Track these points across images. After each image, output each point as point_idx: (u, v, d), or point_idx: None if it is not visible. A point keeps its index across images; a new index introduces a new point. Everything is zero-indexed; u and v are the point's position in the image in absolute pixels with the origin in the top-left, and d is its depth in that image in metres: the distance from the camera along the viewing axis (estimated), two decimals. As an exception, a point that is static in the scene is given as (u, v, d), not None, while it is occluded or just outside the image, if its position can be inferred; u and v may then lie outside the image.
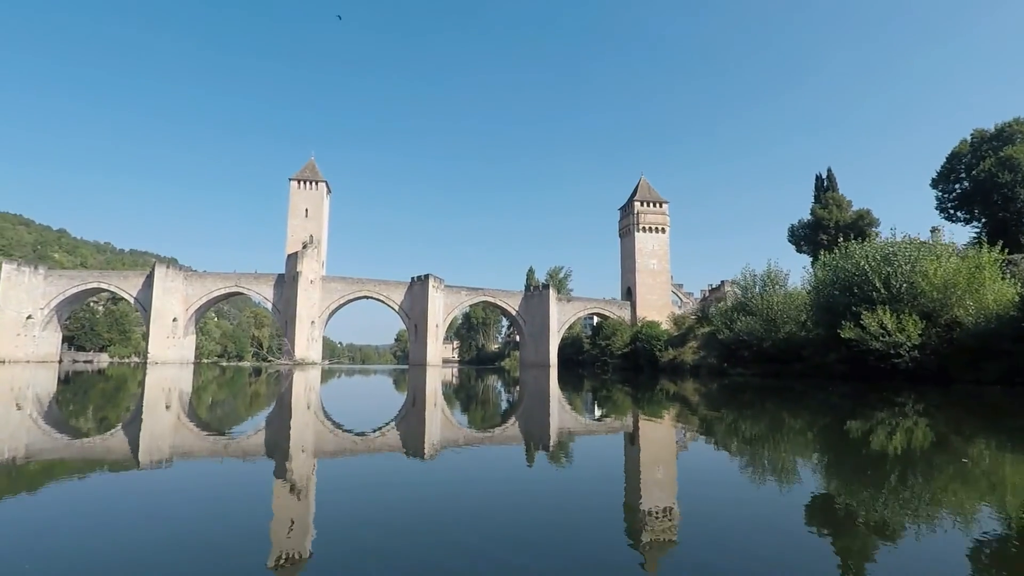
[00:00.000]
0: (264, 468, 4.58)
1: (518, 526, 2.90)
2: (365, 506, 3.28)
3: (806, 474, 4.67)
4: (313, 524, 2.94)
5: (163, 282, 58.34)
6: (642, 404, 12.87)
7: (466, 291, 68.91)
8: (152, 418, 8.15)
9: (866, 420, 8.78)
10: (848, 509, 3.42)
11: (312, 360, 58.93)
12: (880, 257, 21.76)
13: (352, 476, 4.26)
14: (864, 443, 6.46)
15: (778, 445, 6.38)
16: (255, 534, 2.76)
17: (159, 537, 2.64)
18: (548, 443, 6.12)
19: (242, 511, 3.19)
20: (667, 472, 4.70)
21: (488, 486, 3.93)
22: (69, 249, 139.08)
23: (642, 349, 47.10)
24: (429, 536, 2.69)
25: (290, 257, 62.47)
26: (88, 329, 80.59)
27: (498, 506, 3.35)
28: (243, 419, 8.64)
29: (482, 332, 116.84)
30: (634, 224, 73.15)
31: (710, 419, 9.32)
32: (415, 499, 3.47)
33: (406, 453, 5.38)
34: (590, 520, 3.07)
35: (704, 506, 3.45)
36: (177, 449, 5.30)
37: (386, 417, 9.12)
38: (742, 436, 7.17)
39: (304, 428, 7.26)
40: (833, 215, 48.20)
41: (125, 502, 3.34)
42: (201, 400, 12.25)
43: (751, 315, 30.87)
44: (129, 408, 10.00)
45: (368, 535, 2.70)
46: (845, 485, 4.23)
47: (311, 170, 68.16)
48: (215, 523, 2.91)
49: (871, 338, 19.76)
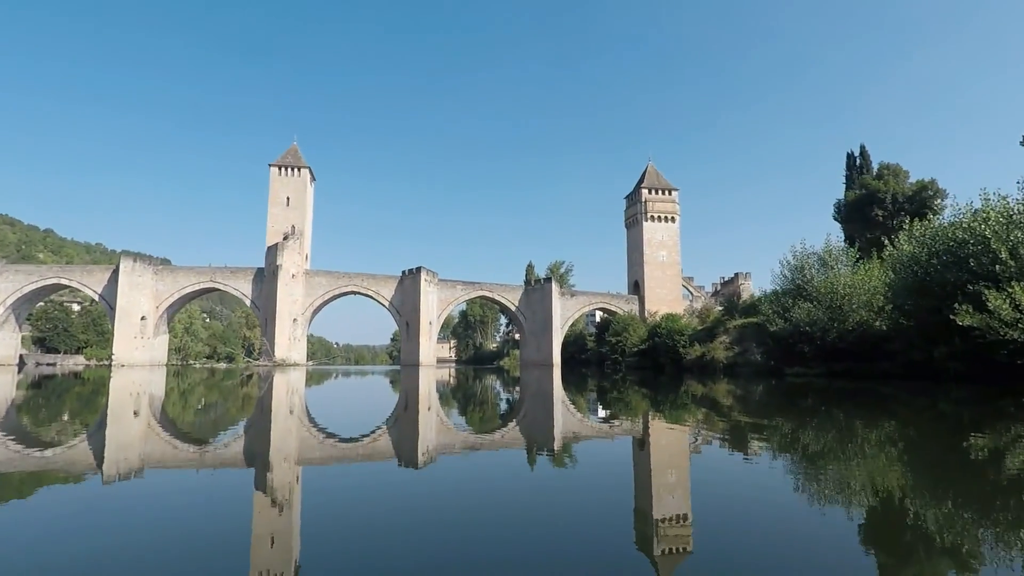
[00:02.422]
0: (242, 479, 4.45)
1: (520, 541, 2.77)
2: (352, 519, 3.17)
3: (901, 504, 3.58)
4: (295, 539, 2.85)
5: (130, 277, 54.32)
6: (665, 408, 11.41)
7: (462, 285, 65.10)
8: (118, 426, 7.90)
9: (998, 436, 6.93)
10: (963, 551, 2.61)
11: (294, 361, 54.80)
12: (1005, 219, 17.06)
13: (338, 487, 4.13)
14: (993, 465, 4.87)
15: (858, 465, 4.93)
16: (233, 551, 2.66)
17: (126, 557, 2.54)
18: (560, 455, 5.81)
19: (218, 526, 3.06)
20: (703, 493, 3.98)
21: (488, 497, 3.77)
22: (55, 249, 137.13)
23: (662, 346, 42.70)
24: (422, 551, 2.60)
25: (270, 249, 58.67)
26: (61, 330, 76.89)
27: (498, 519, 3.20)
28: (221, 426, 8.32)
29: (480, 330, 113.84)
30: (642, 213, 69.58)
31: (764, 430, 7.67)
32: (406, 511, 3.35)
33: (397, 461, 5.16)
34: (601, 541, 2.93)
35: (750, 538, 3.01)
36: (148, 459, 5.05)
37: (376, 421, 8.73)
38: (807, 451, 5.67)
39: (287, 434, 6.96)
40: (890, 186, 42.40)
41: (85, 519, 3.21)
42: (168, 406, 11.94)
43: (810, 301, 26.09)
44: (91, 416, 9.66)
45: (355, 551, 2.62)
46: (955, 522, 3.16)
47: (293, 156, 64.29)
48: (189, 540, 2.79)
49: (1003, 326, 15.03)
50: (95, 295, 57.15)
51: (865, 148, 48.87)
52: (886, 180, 43.39)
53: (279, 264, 56.87)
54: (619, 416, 9.84)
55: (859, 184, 45.31)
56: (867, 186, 43.70)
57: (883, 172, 44.38)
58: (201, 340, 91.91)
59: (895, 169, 44.45)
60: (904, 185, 42.88)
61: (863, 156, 48.42)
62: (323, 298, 60.73)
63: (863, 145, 49.13)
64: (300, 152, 65.84)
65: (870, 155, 48.21)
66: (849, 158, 49.13)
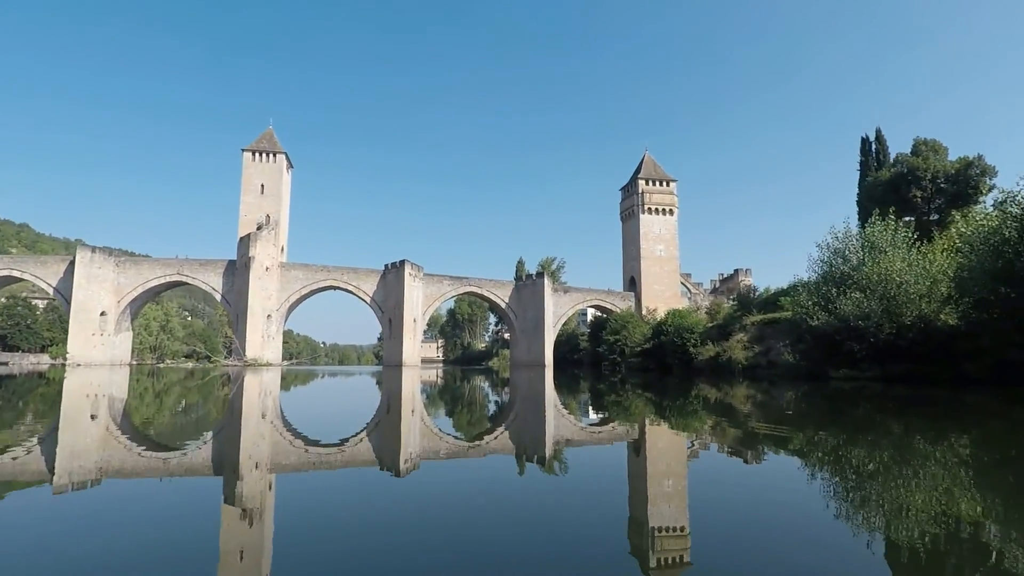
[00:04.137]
0: (209, 488, 4.38)
1: (509, 556, 2.75)
2: (328, 532, 3.11)
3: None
4: (267, 553, 2.81)
5: (87, 268, 53.15)
6: (679, 417, 10.71)
7: (448, 280, 64.97)
8: (72, 432, 7.70)
9: None
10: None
11: (267, 361, 54.08)
12: None
13: (313, 496, 4.06)
14: None
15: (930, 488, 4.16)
16: (198, 567, 2.59)
17: (82, 573, 2.48)
18: (551, 462, 5.76)
19: (182, 540, 2.98)
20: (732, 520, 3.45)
21: (475, 507, 3.74)
22: (28, 244, 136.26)
23: (669, 345, 41.22)
24: (403, 568, 2.57)
25: (242, 240, 58.00)
26: (24, 327, 75.41)
27: (486, 533, 3.17)
28: (189, 432, 8.22)
29: (468, 329, 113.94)
30: (638, 205, 69.96)
31: (807, 447, 6.48)
32: (386, 523, 3.30)
33: (378, 467, 5.10)
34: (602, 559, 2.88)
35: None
36: (105, 467, 4.95)
37: (357, 426, 8.59)
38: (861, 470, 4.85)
39: (258, 440, 6.86)
40: (930, 164, 38.65)
41: (32, 533, 3.11)
42: (131, 410, 11.70)
43: (860, 290, 23.45)
44: (43, 422, 9.37)
45: (331, 565, 2.57)
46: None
47: (269, 140, 63.49)
48: (150, 555, 2.72)
49: None
50: (50, 288, 55.79)
51: (881, 132, 46.81)
52: (924, 157, 39.15)
53: (251, 256, 56.00)
54: (645, 435, 7.77)
55: (892, 162, 42.07)
56: (903, 163, 39.91)
57: (920, 148, 40.16)
58: (178, 339, 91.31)
59: (933, 144, 40.17)
60: (945, 162, 38.98)
61: (879, 141, 46.58)
62: (299, 293, 60.05)
63: (879, 129, 46.97)
64: (276, 137, 64.92)
65: (886, 140, 46.46)
66: (864, 143, 47.09)
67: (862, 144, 47.31)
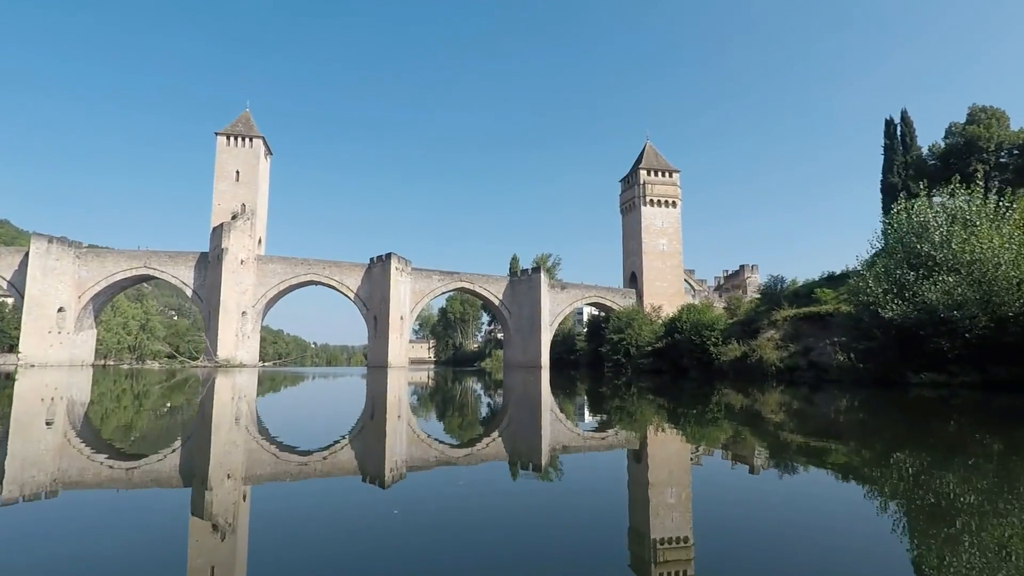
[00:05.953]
0: (177, 500, 4.32)
1: (500, 571, 2.73)
2: (306, 546, 3.04)
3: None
4: (240, 570, 2.77)
5: (43, 261, 52.45)
6: (703, 427, 10.02)
7: (438, 275, 64.87)
8: (24, 439, 7.61)
9: None
10: None
11: (241, 362, 53.57)
12: None
13: (290, 508, 4.02)
14: None
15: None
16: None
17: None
18: (547, 472, 5.73)
19: (148, 556, 2.93)
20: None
21: (465, 519, 3.71)
22: (7, 240, 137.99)
23: (685, 344, 39.06)
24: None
25: (215, 231, 57.41)
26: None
27: (477, 548, 3.14)
28: (155, 439, 8.18)
29: (460, 329, 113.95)
30: (640, 196, 70.13)
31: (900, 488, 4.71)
32: (370, 537, 3.26)
33: (361, 478, 5.07)
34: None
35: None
36: (62, 477, 4.89)
37: (339, 432, 8.58)
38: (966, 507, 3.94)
39: (232, 448, 6.81)
40: (994, 133, 37.87)
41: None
42: (92, 415, 11.56)
43: (950, 273, 19.96)
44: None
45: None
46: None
47: (245, 124, 63.01)
48: (112, 572, 2.67)
49: None
50: (3, 282, 54.86)
51: (907, 114, 46.45)
52: (987, 125, 38.08)
53: (224, 247, 55.34)
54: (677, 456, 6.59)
55: (951, 131, 40.80)
56: (958, 134, 39.03)
57: (978, 116, 38.82)
58: (158, 338, 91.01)
59: (994, 112, 38.99)
60: (1008, 131, 38.08)
61: (905, 123, 46.20)
62: (277, 288, 59.59)
63: (904, 110, 46.65)
64: (253, 120, 64.22)
65: (912, 121, 46.01)
66: (888, 125, 46.63)
67: (886, 126, 46.80)
